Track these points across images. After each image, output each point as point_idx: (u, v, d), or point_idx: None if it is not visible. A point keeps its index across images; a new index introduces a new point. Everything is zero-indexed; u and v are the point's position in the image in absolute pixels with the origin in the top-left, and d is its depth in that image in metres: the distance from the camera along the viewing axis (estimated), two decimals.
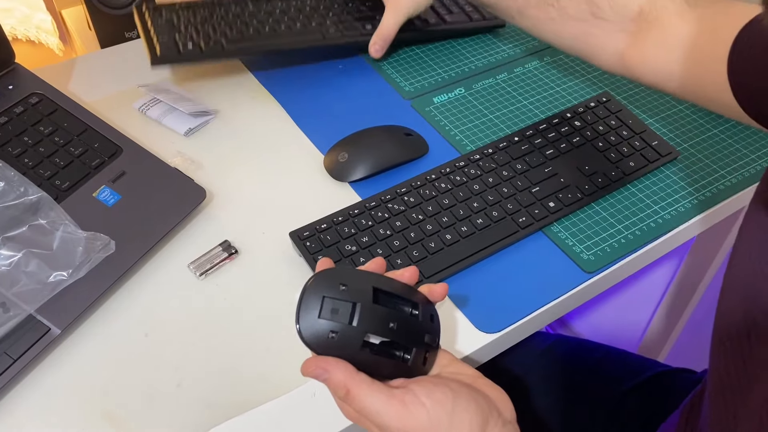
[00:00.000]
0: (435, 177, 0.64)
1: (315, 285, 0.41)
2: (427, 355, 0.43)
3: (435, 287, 0.46)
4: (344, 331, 0.40)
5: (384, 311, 0.41)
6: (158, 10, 0.74)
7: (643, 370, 0.76)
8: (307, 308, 0.40)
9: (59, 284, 0.53)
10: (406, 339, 0.42)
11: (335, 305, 0.40)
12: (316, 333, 0.40)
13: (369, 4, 0.80)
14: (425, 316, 0.44)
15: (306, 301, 0.41)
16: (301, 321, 0.40)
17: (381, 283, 0.43)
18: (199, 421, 0.49)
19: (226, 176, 0.66)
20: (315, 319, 0.40)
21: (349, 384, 0.39)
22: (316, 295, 0.41)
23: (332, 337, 0.40)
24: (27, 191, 0.56)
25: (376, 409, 0.39)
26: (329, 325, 0.40)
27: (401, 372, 0.42)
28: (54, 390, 0.50)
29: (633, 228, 0.62)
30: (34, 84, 0.66)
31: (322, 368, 0.40)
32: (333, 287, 0.41)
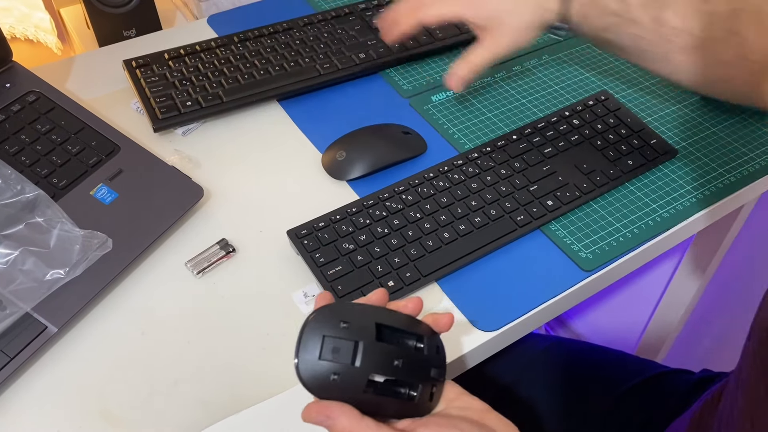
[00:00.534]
0: (433, 175, 0.64)
1: (314, 323, 0.39)
2: (434, 390, 0.42)
3: (440, 317, 0.44)
4: (347, 373, 0.38)
5: (388, 348, 0.40)
6: (148, 66, 0.73)
7: (641, 371, 0.75)
8: (306, 349, 0.38)
9: (56, 282, 0.53)
10: (412, 376, 0.40)
11: (336, 344, 0.38)
12: (317, 375, 0.38)
13: (358, 31, 0.80)
14: (431, 349, 0.42)
15: (305, 340, 0.39)
16: (300, 363, 0.38)
17: (384, 317, 0.41)
18: (195, 420, 0.49)
19: (224, 174, 0.66)
20: (315, 360, 0.38)
21: (354, 429, 0.38)
22: (316, 334, 0.39)
23: (334, 379, 0.38)
24: (24, 189, 0.56)
25: None
26: (331, 367, 0.38)
27: (407, 410, 0.41)
28: (50, 388, 0.50)
29: (631, 226, 0.62)
30: (31, 82, 0.66)
31: (325, 414, 0.38)
32: (334, 325, 0.39)
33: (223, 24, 0.84)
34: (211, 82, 0.72)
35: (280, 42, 0.77)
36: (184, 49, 0.75)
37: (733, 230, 0.94)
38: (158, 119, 0.68)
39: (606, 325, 1.38)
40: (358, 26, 0.80)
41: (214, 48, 0.76)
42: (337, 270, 0.56)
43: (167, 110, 0.68)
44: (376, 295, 0.45)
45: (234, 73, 0.73)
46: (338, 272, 0.56)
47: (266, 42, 0.77)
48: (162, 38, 0.82)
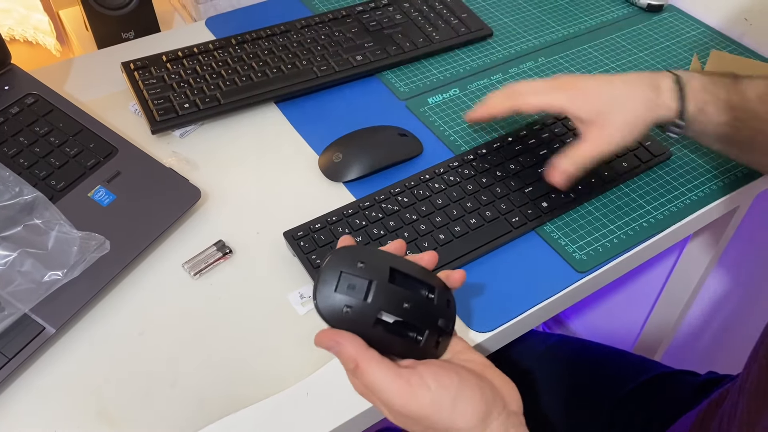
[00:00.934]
0: (429, 177, 0.64)
1: (334, 260, 0.42)
2: (440, 339, 0.44)
3: (453, 273, 0.46)
4: (359, 307, 0.41)
5: (399, 291, 0.42)
6: (146, 68, 0.73)
7: (645, 371, 0.75)
8: (324, 282, 0.41)
9: (54, 284, 0.53)
10: (420, 320, 0.42)
11: (352, 281, 0.41)
12: (332, 306, 0.41)
13: (355, 33, 0.80)
14: (441, 301, 0.44)
15: (324, 275, 0.41)
16: (318, 294, 0.41)
17: (398, 264, 0.43)
18: (193, 420, 0.49)
19: (221, 176, 0.66)
20: (331, 292, 0.41)
21: (359, 358, 0.40)
22: (333, 270, 0.41)
23: (347, 311, 0.41)
24: (22, 191, 0.56)
25: (381, 385, 0.40)
26: (344, 300, 0.41)
27: (412, 353, 0.43)
28: (49, 389, 0.51)
29: (626, 228, 0.62)
30: (29, 84, 0.66)
31: (334, 340, 0.40)
32: (351, 264, 0.42)
33: (221, 26, 0.84)
34: (208, 84, 0.72)
35: (278, 44, 0.78)
36: (182, 52, 0.76)
37: (729, 231, 0.94)
38: (156, 121, 0.68)
39: (603, 325, 1.38)
40: (355, 29, 0.81)
41: (212, 50, 0.76)
42: None
43: (165, 112, 0.69)
44: (394, 245, 0.47)
45: (231, 75, 0.73)
46: None
47: (264, 44, 0.78)
48: (160, 40, 0.82)
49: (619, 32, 0.85)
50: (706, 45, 0.83)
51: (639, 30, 0.86)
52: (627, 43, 0.84)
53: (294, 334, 0.54)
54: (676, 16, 0.88)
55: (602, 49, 0.83)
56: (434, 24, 0.83)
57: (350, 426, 0.50)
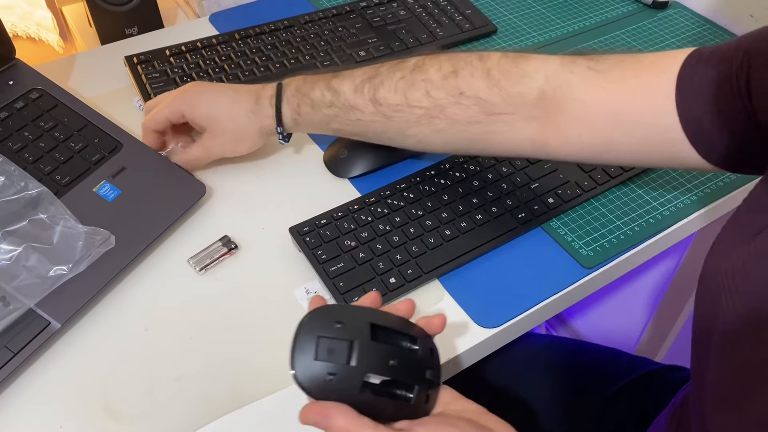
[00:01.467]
0: (434, 173, 0.64)
1: (308, 324, 0.39)
2: (430, 392, 0.41)
3: (433, 319, 0.44)
4: (343, 372, 0.38)
5: (383, 348, 0.39)
6: (150, 62, 0.73)
7: (634, 368, 0.76)
8: (302, 350, 0.38)
9: (59, 278, 0.53)
10: (408, 376, 0.40)
11: (332, 345, 0.38)
12: (313, 376, 0.38)
13: (359, 29, 0.80)
14: (425, 351, 0.42)
15: (300, 342, 0.39)
16: (296, 364, 0.38)
17: (377, 317, 0.41)
18: (197, 415, 0.49)
19: (226, 172, 0.66)
20: (311, 361, 0.38)
21: (352, 429, 0.37)
22: (310, 335, 0.39)
23: (330, 379, 0.38)
24: (27, 186, 0.56)
25: None
26: (326, 367, 0.38)
27: (403, 412, 0.40)
28: (54, 384, 0.51)
29: (632, 224, 0.62)
30: (34, 79, 0.66)
31: (322, 414, 0.38)
32: (328, 326, 0.39)
33: (224, 22, 0.84)
34: (212, 78, 0.72)
35: (281, 39, 0.78)
36: (186, 46, 0.75)
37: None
38: None
39: (606, 323, 1.38)
40: (358, 24, 0.81)
41: (216, 45, 0.76)
42: (339, 267, 0.56)
43: None
44: (369, 298, 0.45)
45: (235, 70, 0.73)
46: (340, 269, 0.56)
47: (267, 39, 0.77)
48: (164, 36, 0.82)
49: (624, 29, 0.85)
50: (711, 42, 0.83)
51: (644, 27, 0.86)
52: (632, 39, 0.84)
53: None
54: (681, 12, 0.88)
55: (607, 45, 0.82)
56: (438, 20, 0.82)
57: None
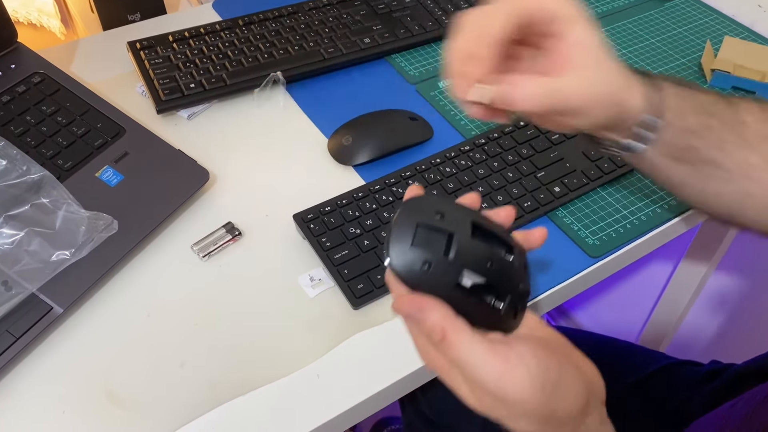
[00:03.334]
0: (440, 161, 0.64)
1: (407, 211, 0.36)
2: (519, 308, 0.38)
3: (533, 232, 0.40)
4: (440, 263, 0.35)
5: (483, 247, 0.36)
6: (152, 48, 0.73)
7: (649, 362, 0.75)
8: (398, 236, 0.35)
9: (61, 263, 0.52)
10: (502, 283, 0.36)
11: (430, 235, 0.35)
12: (410, 263, 0.35)
13: (363, 16, 0.79)
14: (520, 263, 0.38)
15: (398, 228, 0.36)
16: (391, 249, 0.35)
17: (478, 218, 0.37)
18: (201, 401, 0.48)
19: (230, 158, 0.66)
20: (407, 247, 0.35)
21: (448, 328, 0.34)
22: (408, 221, 0.36)
23: (425, 269, 0.35)
24: (29, 170, 0.55)
25: (474, 361, 0.34)
26: (423, 255, 0.35)
27: (492, 321, 0.37)
28: (56, 369, 0.50)
29: (639, 213, 0.62)
30: (36, 63, 0.66)
31: (417, 306, 0.34)
32: (428, 215, 0.36)
33: (227, 8, 0.83)
34: (215, 64, 0.71)
35: (285, 26, 0.77)
36: (189, 32, 0.75)
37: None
38: (161, 101, 0.68)
39: (608, 316, 1.38)
40: (363, 11, 0.80)
41: (219, 31, 0.75)
42: (344, 254, 0.56)
43: (170, 92, 0.68)
44: (469, 197, 0.41)
45: (238, 56, 0.73)
46: (344, 256, 0.56)
47: (271, 26, 0.77)
48: (166, 22, 0.81)
49: (631, 18, 0.84)
50: (718, 31, 0.82)
51: (651, 16, 0.85)
52: (639, 29, 0.83)
53: (304, 317, 0.54)
54: (688, 2, 0.87)
55: (614, 35, 0.82)
56: (443, 8, 0.82)
57: (361, 408, 0.50)
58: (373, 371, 0.51)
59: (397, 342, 0.52)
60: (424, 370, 0.52)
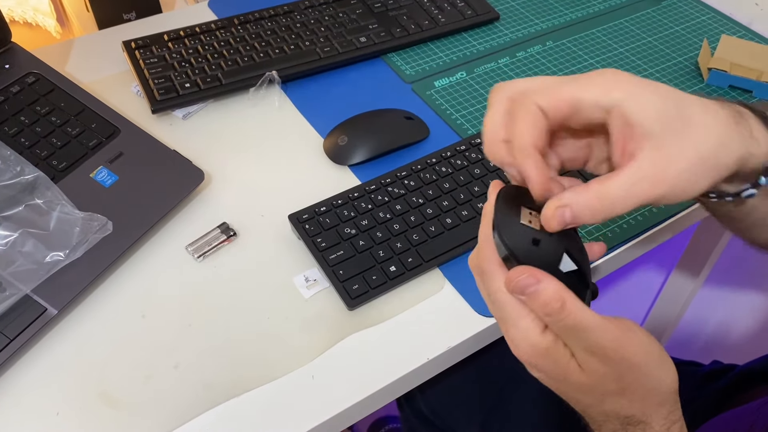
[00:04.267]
0: (435, 161, 0.64)
1: (506, 197, 0.37)
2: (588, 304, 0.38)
3: (593, 246, 0.40)
4: (546, 241, 0.36)
5: (575, 236, 0.38)
6: (148, 47, 0.72)
7: None
8: (506, 215, 0.36)
9: (56, 264, 0.52)
10: (587, 275, 0.37)
11: (532, 216, 0.37)
12: (519, 238, 0.36)
13: (359, 15, 0.79)
14: (586, 264, 0.39)
15: (503, 208, 0.37)
16: (500, 226, 0.36)
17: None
18: (196, 403, 0.48)
19: (225, 158, 0.65)
20: (517, 223, 0.36)
21: (566, 296, 0.34)
22: (512, 203, 0.37)
23: (534, 247, 0.36)
24: (23, 171, 0.55)
25: (593, 326, 0.34)
26: (532, 232, 0.36)
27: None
28: (50, 370, 0.50)
29: (634, 213, 0.62)
30: (30, 63, 0.65)
31: (534, 277, 0.34)
32: (527, 200, 0.37)
33: (223, 7, 0.83)
34: (210, 64, 0.71)
35: (281, 25, 0.77)
36: (184, 31, 0.74)
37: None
38: (156, 100, 0.67)
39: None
40: (359, 10, 0.80)
41: (214, 30, 0.75)
42: (339, 255, 0.56)
43: (166, 92, 0.68)
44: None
45: (233, 55, 0.72)
46: (340, 257, 0.56)
47: (266, 25, 0.76)
48: (162, 21, 0.81)
49: (628, 16, 0.84)
50: (715, 30, 0.82)
51: (648, 14, 0.85)
52: (636, 27, 0.83)
53: (299, 318, 0.53)
54: (685, 0, 0.87)
55: (611, 33, 0.82)
56: (440, 6, 0.81)
57: (356, 409, 0.50)
58: (368, 372, 0.51)
59: (392, 343, 0.52)
60: (419, 371, 0.52)
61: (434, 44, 0.79)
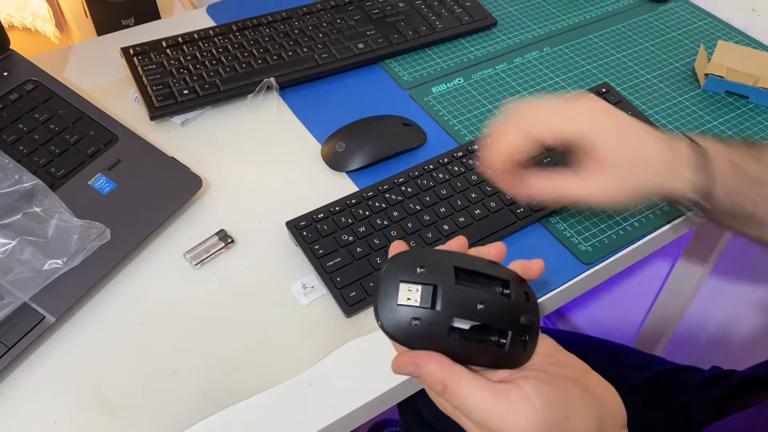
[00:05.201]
0: (433, 167, 0.64)
1: (389, 271, 0.38)
2: (528, 339, 0.38)
3: (530, 263, 0.41)
4: (427, 317, 0.36)
5: (470, 291, 0.37)
6: (146, 54, 0.73)
7: (647, 367, 0.75)
8: (384, 296, 0.37)
9: (54, 272, 0.52)
10: (499, 321, 0.37)
11: (413, 290, 0.37)
12: (397, 321, 0.37)
13: (357, 21, 0.79)
14: (519, 296, 0.39)
15: (383, 289, 0.37)
16: (380, 311, 0.37)
17: (463, 261, 0.39)
18: (194, 410, 0.49)
19: (223, 165, 0.66)
20: (394, 306, 0.37)
21: (446, 378, 0.36)
22: (392, 280, 0.37)
23: (415, 324, 0.36)
24: (21, 178, 0.55)
25: (477, 405, 0.35)
26: (410, 312, 0.36)
27: (499, 360, 0.38)
28: (49, 378, 0.50)
29: (631, 219, 0.62)
30: (29, 71, 0.66)
31: (414, 364, 0.36)
32: (410, 270, 0.37)
33: (222, 13, 0.83)
34: (208, 70, 0.71)
35: (279, 31, 0.77)
36: (182, 38, 0.75)
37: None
38: (155, 107, 0.68)
39: (605, 318, 1.38)
40: (357, 16, 0.80)
41: (212, 36, 0.75)
42: (336, 261, 0.56)
43: (164, 98, 0.68)
44: (456, 242, 0.42)
45: (232, 61, 0.73)
46: (337, 264, 0.56)
47: (264, 31, 0.77)
48: (161, 27, 0.81)
49: (625, 22, 0.85)
50: (712, 35, 0.83)
51: (645, 20, 0.85)
52: (633, 33, 0.83)
53: (296, 325, 0.54)
54: (682, 6, 0.87)
55: (608, 39, 0.82)
56: (437, 12, 0.82)
57: (353, 417, 0.50)
58: (366, 379, 0.51)
59: (390, 350, 0.52)
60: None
61: (432, 50, 0.79)
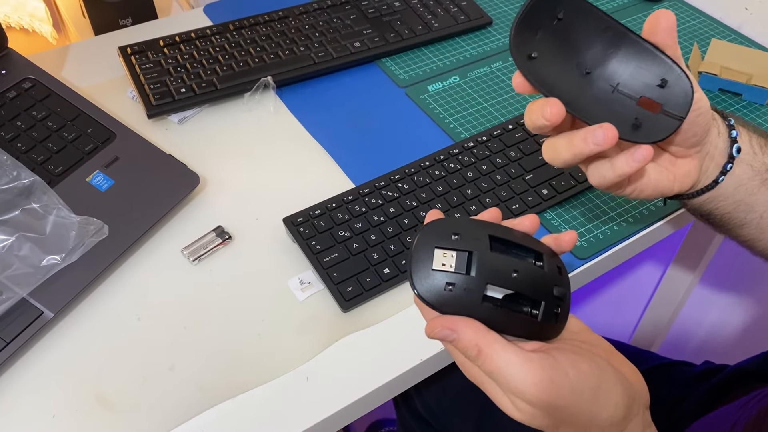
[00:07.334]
0: (429, 164, 0.64)
1: (424, 237, 0.38)
2: (559, 312, 0.38)
3: (562, 236, 0.40)
4: (462, 283, 0.36)
5: (504, 259, 0.37)
6: (143, 53, 0.73)
7: (641, 361, 0.75)
8: (418, 262, 0.37)
9: (52, 268, 0.53)
10: (533, 291, 0.37)
11: (448, 256, 0.37)
12: (432, 287, 0.36)
13: (354, 20, 0.79)
14: (551, 268, 0.38)
15: (417, 255, 0.37)
16: (414, 277, 0.37)
17: (497, 231, 0.38)
18: (191, 405, 0.49)
19: (220, 162, 0.66)
20: (428, 272, 0.36)
21: (481, 343, 0.35)
22: (426, 247, 0.37)
23: (450, 290, 0.36)
24: (20, 175, 0.55)
25: (510, 372, 0.34)
26: (444, 277, 0.36)
27: (531, 330, 0.38)
28: (47, 373, 0.50)
29: (626, 215, 0.62)
30: (27, 69, 0.66)
31: (449, 328, 0.36)
32: (444, 237, 0.37)
33: (219, 13, 0.84)
34: (205, 69, 0.72)
35: (276, 30, 0.77)
36: (180, 37, 0.75)
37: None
38: (152, 105, 0.68)
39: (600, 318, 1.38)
40: (353, 15, 0.80)
41: (210, 35, 0.76)
42: (333, 257, 0.56)
43: (161, 97, 0.68)
44: (489, 213, 0.42)
45: (229, 60, 0.73)
46: (334, 259, 0.56)
47: (262, 30, 0.77)
48: (158, 27, 0.82)
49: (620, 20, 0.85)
50: (706, 34, 0.83)
51: (639, 19, 0.86)
52: None
53: (293, 320, 0.54)
54: (676, 5, 0.88)
55: None
56: (433, 12, 0.82)
57: (350, 410, 0.50)
58: (363, 373, 0.51)
59: (386, 344, 0.53)
60: (413, 371, 0.52)
61: (428, 49, 0.80)
